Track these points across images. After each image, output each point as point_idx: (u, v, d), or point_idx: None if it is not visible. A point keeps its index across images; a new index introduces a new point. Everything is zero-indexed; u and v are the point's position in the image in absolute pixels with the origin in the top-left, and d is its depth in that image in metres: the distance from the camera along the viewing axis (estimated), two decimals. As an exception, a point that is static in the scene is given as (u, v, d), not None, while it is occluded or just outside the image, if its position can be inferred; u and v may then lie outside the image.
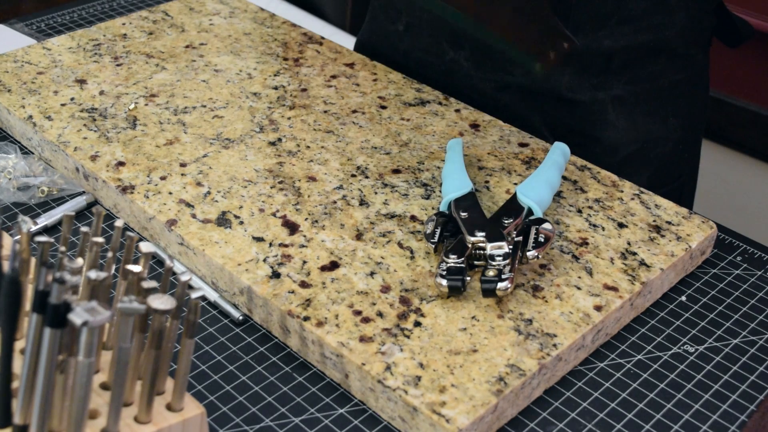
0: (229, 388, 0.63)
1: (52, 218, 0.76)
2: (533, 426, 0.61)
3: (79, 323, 0.45)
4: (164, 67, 0.93)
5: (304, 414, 0.61)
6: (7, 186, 0.79)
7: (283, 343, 0.67)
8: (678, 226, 0.75)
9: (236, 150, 0.81)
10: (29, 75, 0.91)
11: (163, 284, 0.55)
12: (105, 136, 0.82)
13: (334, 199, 0.76)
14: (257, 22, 1.03)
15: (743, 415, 0.63)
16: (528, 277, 0.69)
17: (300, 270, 0.68)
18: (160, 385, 0.55)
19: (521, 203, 0.72)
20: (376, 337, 0.63)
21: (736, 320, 0.70)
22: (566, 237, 0.73)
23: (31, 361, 0.49)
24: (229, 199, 0.75)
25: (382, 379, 0.60)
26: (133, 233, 0.60)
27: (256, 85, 0.91)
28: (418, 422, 0.59)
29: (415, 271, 0.69)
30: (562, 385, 0.64)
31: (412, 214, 0.75)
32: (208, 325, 0.68)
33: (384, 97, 0.90)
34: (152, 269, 0.73)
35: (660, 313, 0.71)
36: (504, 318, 0.65)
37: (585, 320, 0.65)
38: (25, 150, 0.86)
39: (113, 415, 0.51)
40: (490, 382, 0.60)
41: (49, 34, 1.04)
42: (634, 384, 0.64)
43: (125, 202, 0.76)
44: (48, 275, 0.48)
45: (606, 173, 0.81)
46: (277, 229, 0.72)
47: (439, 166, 0.81)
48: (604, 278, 0.69)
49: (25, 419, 0.50)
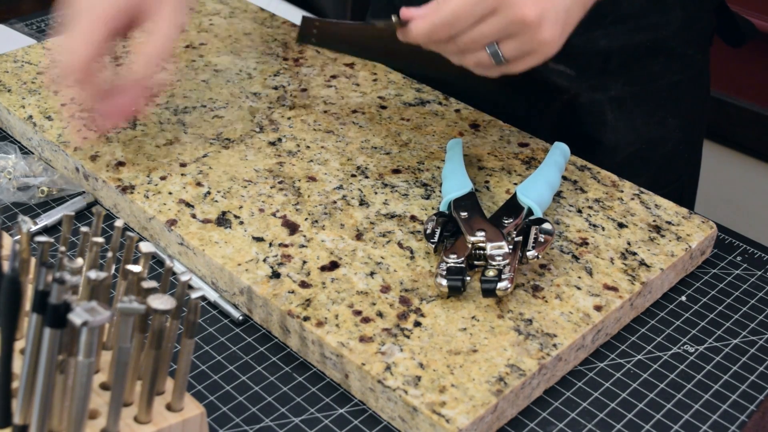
0: (229, 388, 0.63)
1: (52, 218, 0.76)
2: (533, 426, 0.61)
3: (79, 323, 0.45)
4: (164, 67, 0.93)
5: (304, 414, 0.61)
6: (7, 186, 0.79)
7: (283, 343, 0.67)
8: (678, 226, 0.75)
9: (236, 150, 0.81)
10: (29, 75, 0.91)
11: (163, 284, 0.55)
12: (105, 136, 0.82)
13: (334, 199, 0.76)
14: (257, 22, 1.03)
15: (743, 415, 0.63)
16: (528, 277, 0.69)
17: (300, 270, 0.68)
18: (160, 385, 0.55)
19: (521, 203, 0.72)
20: (376, 337, 0.63)
21: (736, 320, 0.70)
22: (566, 237, 0.73)
23: (31, 361, 0.49)
24: (229, 199, 0.75)
25: (382, 379, 0.60)
26: (133, 233, 0.60)
27: (256, 85, 0.91)
28: (418, 422, 0.59)
29: (415, 271, 0.69)
30: (562, 385, 0.64)
31: (412, 214, 0.75)
32: (208, 325, 0.68)
33: (384, 97, 0.90)
34: (152, 269, 0.73)
35: (660, 313, 0.71)
36: (504, 318, 0.65)
37: (585, 320, 0.65)
38: (25, 150, 0.86)
39: (113, 415, 0.51)
40: (490, 382, 0.60)
41: (49, 34, 1.04)
42: (634, 384, 0.64)
43: (125, 202, 0.76)
44: (48, 275, 0.48)
45: (606, 173, 0.81)
46: (277, 229, 0.72)
47: (439, 166, 0.81)
48: (604, 278, 0.69)
49: (25, 419, 0.50)
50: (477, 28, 0.65)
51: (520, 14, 0.64)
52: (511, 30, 0.65)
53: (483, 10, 0.65)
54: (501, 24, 0.65)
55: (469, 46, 0.67)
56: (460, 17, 0.65)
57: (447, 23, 0.65)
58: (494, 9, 0.64)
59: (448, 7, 0.65)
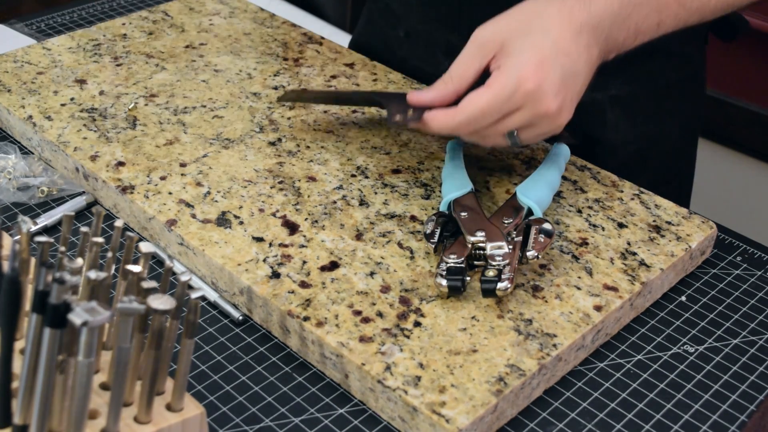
0: (229, 388, 0.63)
1: (52, 218, 0.76)
2: (533, 426, 0.61)
3: (79, 323, 0.45)
4: (164, 67, 0.93)
5: (304, 414, 0.61)
6: (7, 186, 0.79)
7: (283, 343, 0.67)
8: (678, 226, 0.75)
9: (236, 150, 0.81)
10: (29, 75, 0.91)
11: (162, 284, 0.55)
12: (105, 136, 0.82)
13: (334, 199, 0.76)
14: (257, 22, 1.03)
15: (743, 415, 0.63)
16: (528, 277, 0.69)
17: (300, 270, 0.68)
18: (159, 385, 0.55)
19: (521, 203, 0.72)
20: (376, 337, 0.63)
21: (736, 320, 0.70)
22: (566, 237, 0.73)
23: (31, 361, 0.49)
24: (229, 199, 0.75)
25: (382, 379, 0.60)
26: (133, 233, 0.60)
27: (256, 85, 0.91)
28: (418, 422, 0.59)
29: (415, 271, 0.69)
30: (562, 385, 0.64)
31: (412, 214, 0.75)
32: (208, 325, 0.68)
33: (384, 97, 0.90)
34: (152, 269, 0.72)
35: (660, 313, 0.71)
36: (504, 318, 0.65)
37: (585, 320, 0.65)
38: (25, 150, 0.86)
39: (113, 415, 0.51)
40: (490, 382, 0.60)
41: (49, 34, 1.04)
42: (634, 384, 0.64)
43: (125, 202, 0.76)
44: (48, 275, 0.48)
45: (606, 173, 0.81)
46: (277, 229, 0.72)
47: (439, 166, 0.81)
48: (604, 278, 0.69)
49: (25, 419, 0.50)
50: (501, 122, 0.67)
51: (544, 109, 0.66)
52: (533, 121, 0.67)
53: (509, 109, 0.66)
54: (525, 118, 0.67)
55: (489, 135, 0.69)
56: (487, 115, 0.66)
57: (472, 121, 0.67)
58: (520, 106, 0.66)
59: (475, 107, 0.66)
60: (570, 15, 0.67)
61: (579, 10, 0.67)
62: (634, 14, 0.69)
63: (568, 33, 0.67)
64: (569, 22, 0.67)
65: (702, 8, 0.72)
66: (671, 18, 0.71)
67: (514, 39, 0.67)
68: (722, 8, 0.74)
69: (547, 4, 0.68)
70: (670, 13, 0.71)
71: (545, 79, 0.65)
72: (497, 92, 0.65)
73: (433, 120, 0.69)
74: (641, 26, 0.70)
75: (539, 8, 0.68)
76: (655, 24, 0.71)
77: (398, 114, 0.71)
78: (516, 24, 0.68)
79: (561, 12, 0.67)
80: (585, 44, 0.67)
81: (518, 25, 0.68)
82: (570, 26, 0.67)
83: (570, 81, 0.67)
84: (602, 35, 0.69)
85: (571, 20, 0.67)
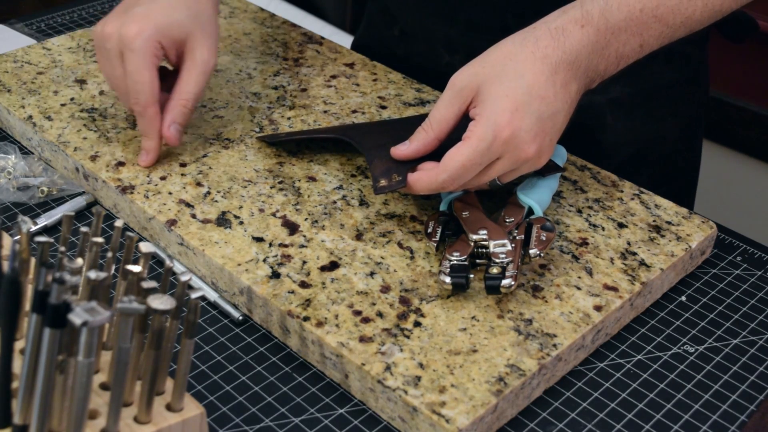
0: (229, 388, 0.63)
1: (52, 218, 0.76)
2: (533, 426, 0.61)
3: (79, 323, 0.45)
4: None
5: (304, 414, 0.61)
6: (7, 186, 0.79)
7: (283, 344, 0.67)
8: (678, 226, 0.75)
9: (236, 150, 0.81)
10: (29, 75, 0.91)
11: (162, 284, 0.55)
12: (105, 136, 0.82)
13: (334, 199, 0.76)
14: (257, 22, 1.03)
15: (743, 415, 0.63)
16: (528, 277, 0.69)
17: (300, 270, 0.68)
18: (159, 385, 0.55)
19: (522, 203, 0.72)
20: (376, 337, 0.63)
21: (736, 320, 0.70)
22: (566, 237, 0.73)
23: (31, 361, 0.49)
24: (228, 199, 0.75)
25: (381, 379, 0.60)
26: (133, 233, 0.60)
27: (256, 85, 0.91)
28: (418, 422, 0.59)
29: (414, 271, 0.69)
30: (562, 385, 0.64)
31: (412, 214, 0.75)
32: (208, 325, 0.68)
33: (384, 97, 0.90)
34: (152, 269, 0.73)
35: (660, 313, 0.71)
36: (504, 318, 0.65)
37: (585, 320, 0.65)
38: (25, 150, 0.86)
39: (113, 415, 0.51)
40: (490, 382, 0.60)
41: (49, 34, 1.04)
42: (634, 384, 0.64)
43: (125, 202, 0.76)
44: (48, 275, 0.48)
45: (606, 173, 0.81)
46: (277, 229, 0.72)
47: (439, 166, 0.81)
48: (604, 278, 0.69)
49: (25, 419, 0.50)
50: (485, 173, 0.68)
51: (524, 156, 0.67)
52: (514, 166, 0.68)
53: (489, 159, 0.67)
54: (507, 165, 0.67)
55: (472, 184, 0.69)
56: (469, 169, 0.67)
57: (456, 177, 0.67)
58: (500, 155, 0.67)
59: (456, 162, 0.66)
60: (544, 56, 0.67)
61: (553, 49, 0.67)
62: (613, 41, 0.69)
63: (542, 76, 0.66)
64: (543, 63, 0.67)
65: (687, 22, 0.72)
66: (654, 38, 0.71)
67: (489, 84, 0.67)
68: (709, 18, 0.73)
69: (522, 45, 0.68)
70: (653, 34, 0.70)
71: (520, 128, 0.65)
72: (476, 145, 0.65)
73: (417, 182, 0.69)
74: (623, 51, 0.70)
75: (514, 50, 0.68)
76: (637, 46, 0.70)
77: (383, 179, 0.71)
78: (491, 69, 0.67)
79: (534, 54, 0.67)
80: (561, 83, 0.67)
81: (493, 70, 0.67)
82: (544, 67, 0.66)
83: (547, 123, 0.67)
84: (580, 69, 0.68)
85: (544, 61, 0.67)
